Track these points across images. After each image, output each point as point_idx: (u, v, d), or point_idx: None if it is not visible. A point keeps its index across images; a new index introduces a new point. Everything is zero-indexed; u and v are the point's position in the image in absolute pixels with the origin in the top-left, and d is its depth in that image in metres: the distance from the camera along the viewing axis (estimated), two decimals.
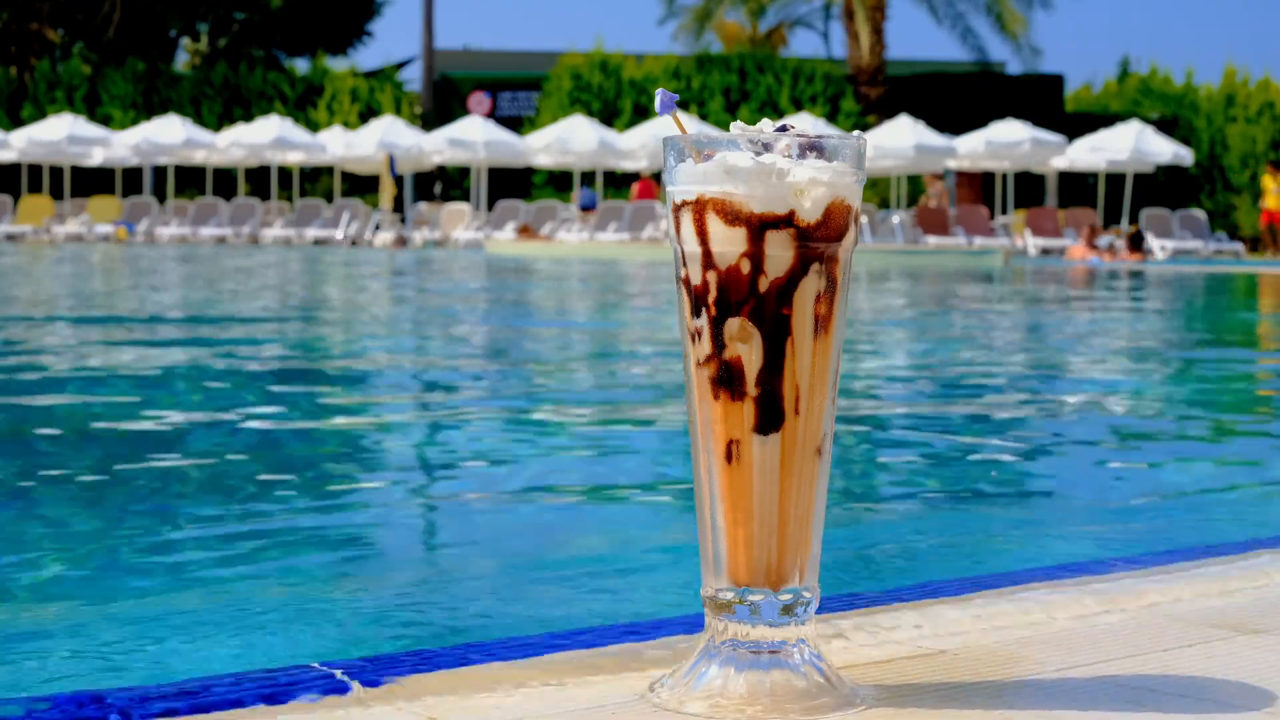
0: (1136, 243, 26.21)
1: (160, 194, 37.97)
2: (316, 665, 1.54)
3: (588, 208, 31.67)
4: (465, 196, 39.04)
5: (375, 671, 1.54)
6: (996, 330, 10.45)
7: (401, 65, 43.56)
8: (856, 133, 1.52)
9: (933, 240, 30.08)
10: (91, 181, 38.43)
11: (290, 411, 5.51)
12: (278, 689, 1.48)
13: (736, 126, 1.47)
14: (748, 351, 1.45)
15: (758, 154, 1.43)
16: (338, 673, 1.52)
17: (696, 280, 1.47)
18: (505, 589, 2.88)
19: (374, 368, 7.38)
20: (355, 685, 1.49)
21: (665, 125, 1.53)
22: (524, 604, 2.76)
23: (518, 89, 42.88)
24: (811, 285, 1.45)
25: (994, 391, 6.58)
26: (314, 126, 39.15)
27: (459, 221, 33.06)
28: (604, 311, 12.48)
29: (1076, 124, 38.43)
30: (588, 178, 37.05)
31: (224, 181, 39.10)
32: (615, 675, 1.54)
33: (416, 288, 15.87)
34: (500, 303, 13.38)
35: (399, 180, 34.34)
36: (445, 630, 2.62)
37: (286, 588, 2.86)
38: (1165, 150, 32.38)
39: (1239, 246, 31.49)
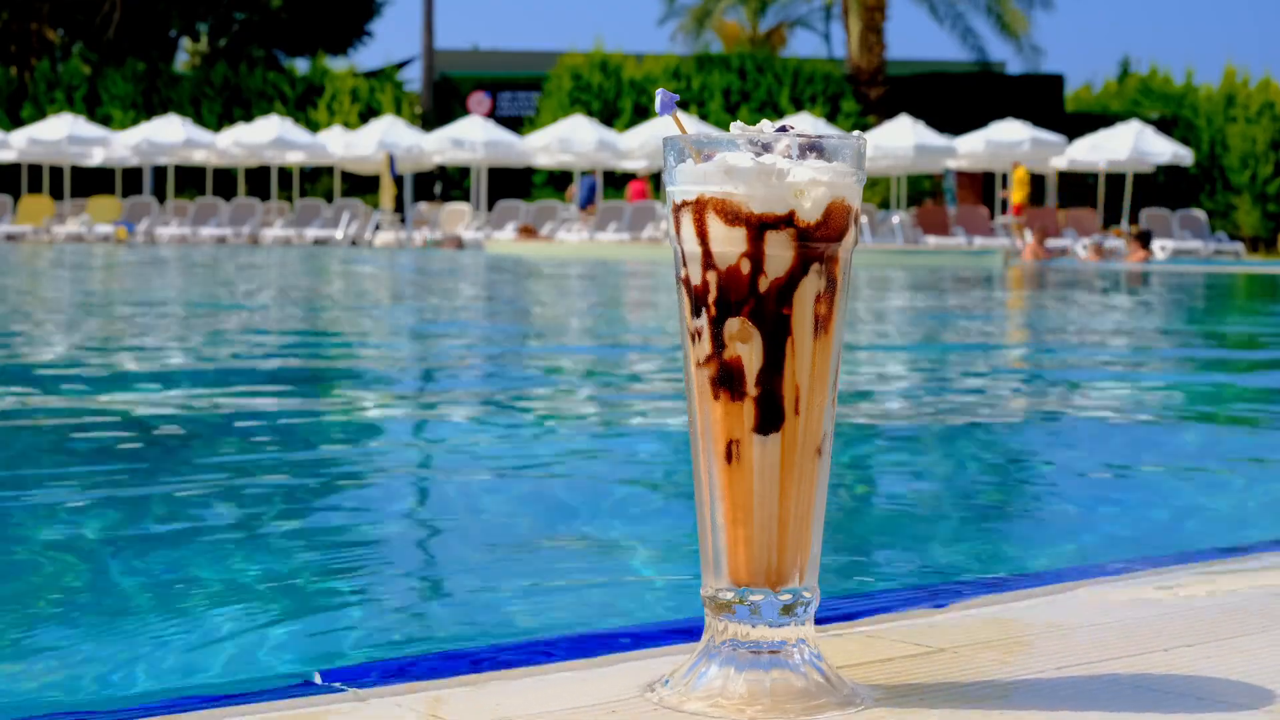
0: (1145, 239, 26.20)
1: (160, 194, 37.96)
2: (316, 675, 1.55)
3: (586, 204, 31.64)
4: (465, 196, 39.04)
5: (375, 673, 1.54)
6: (995, 331, 10.46)
7: (401, 65, 43.56)
8: (856, 133, 1.52)
9: (932, 240, 30.09)
10: (91, 181, 38.42)
11: (288, 412, 5.51)
12: (275, 695, 1.48)
13: (736, 127, 1.47)
14: (748, 351, 1.45)
15: (758, 154, 1.43)
16: (336, 684, 1.53)
17: (696, 280, 1.47)
18: (505, 592, 2.88)
19: (373, 368, 7.38)
20: (352, 688, 1.49)
21: (665, 125, 1.53)
22: (523, 607, 2.76)
23: (518, 89, 42.88)
24: (811, 285, 1.45)
25: (993, 392, 6.58)
26: (314, 126, 39.15)
27: (459, 221, 33.07)
28: (603, 311, 12.48)
29: (1076, 124, 38.42)
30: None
31: (224, 181, 39.10)
32: (616, 675, 1.54)
33: (432, 288, 15.87)
34: (501, 302, 13.39)
35: (399, 180, 34.34)
36: (445, 634, 2.62)
37: (284, 591, 2.86)
38: (1165, 150, 32.38)
39: (1239, 246, 31.51)
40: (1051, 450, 4.91)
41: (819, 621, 1.67)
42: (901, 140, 31.88)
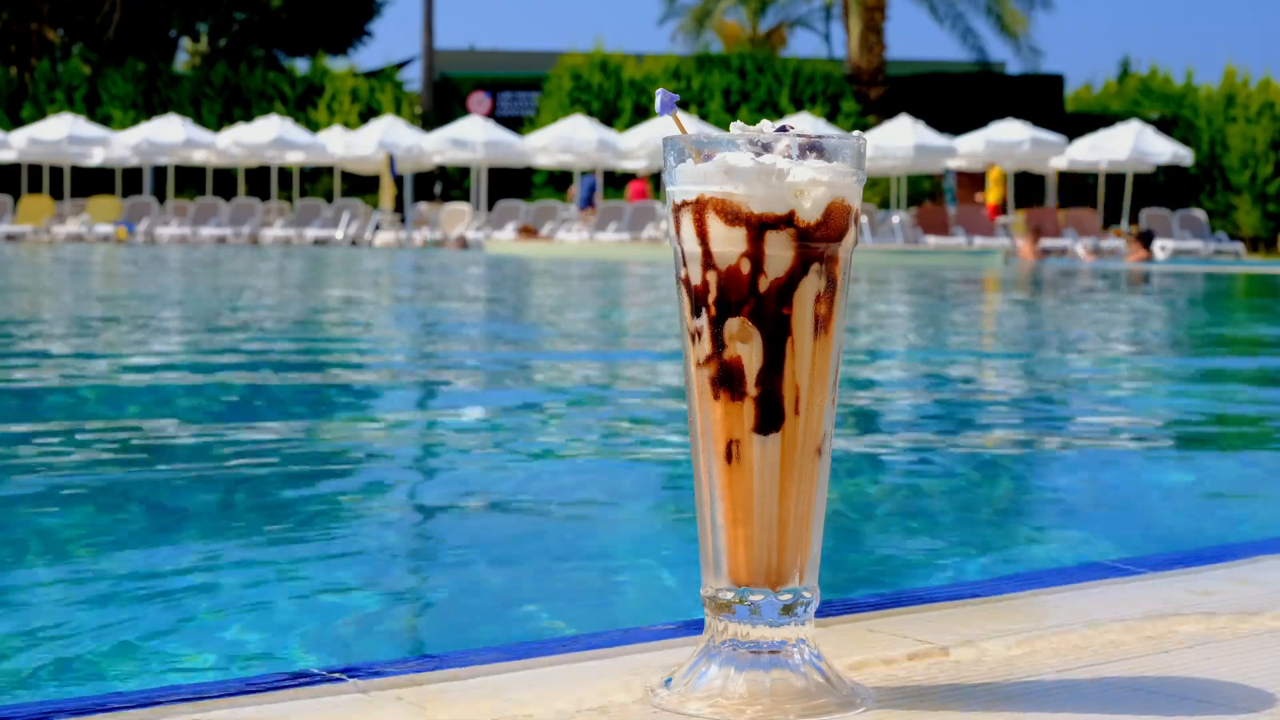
0: (1147, 239, 26.21)
1: (160, 194, 37.96)
2: (316, 670, 1.55)
3: (586, 204, 31.62)
4: (465, 196, 39.04)
5: (375, 673, 1.54)
6: (994, 330, 10.46)
7: (401, 65, 43.57)
8: (856, 133, 1.52)
9: (932, 240, 30.08)
10: (91, 181, 38.43)
11: (289, 413, 5.51)
12: (277, 689, 1.48)
13: (736, 126, 1.47)
14: (748, 351, 1.45)
15: (758, 154, 1.43)
16: (338, 674, 1.52)
17: (696, 280, 1.47)
18: (505, 594, 2.88)
19: (374, 369, 7.38)
20: (355, 684, 1.49)
21: (665, 125, 1.53)
22: (524, 609, 2.76)
23: (518, 89, 42.88)
24: (811, 285, 1.45)
25: (992, 392, 6.58)
26: (314, 126, 39.15)
27: (459, 221, 33.07)
28: (602, 311, 12.48)
29: (1076, 124, 38.43)
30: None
31: (224, 181, 39.11)
32: (615, 676, 1.54)
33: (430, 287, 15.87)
34: (501, 302, 13.39)
35: (399, 180, 34.34)
36: (444, 636, 2.62)
37: (284, 592, 2.86)
38: (1165, 150, 32.39)
39: (1239, 246, 31.53)
40: (1048, 450, 4.91)
41: (818, 621, 1.67)
42: (901, 140, 31.89)
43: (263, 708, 1.43)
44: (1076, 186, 37.65)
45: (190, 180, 39.20)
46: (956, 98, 40.07)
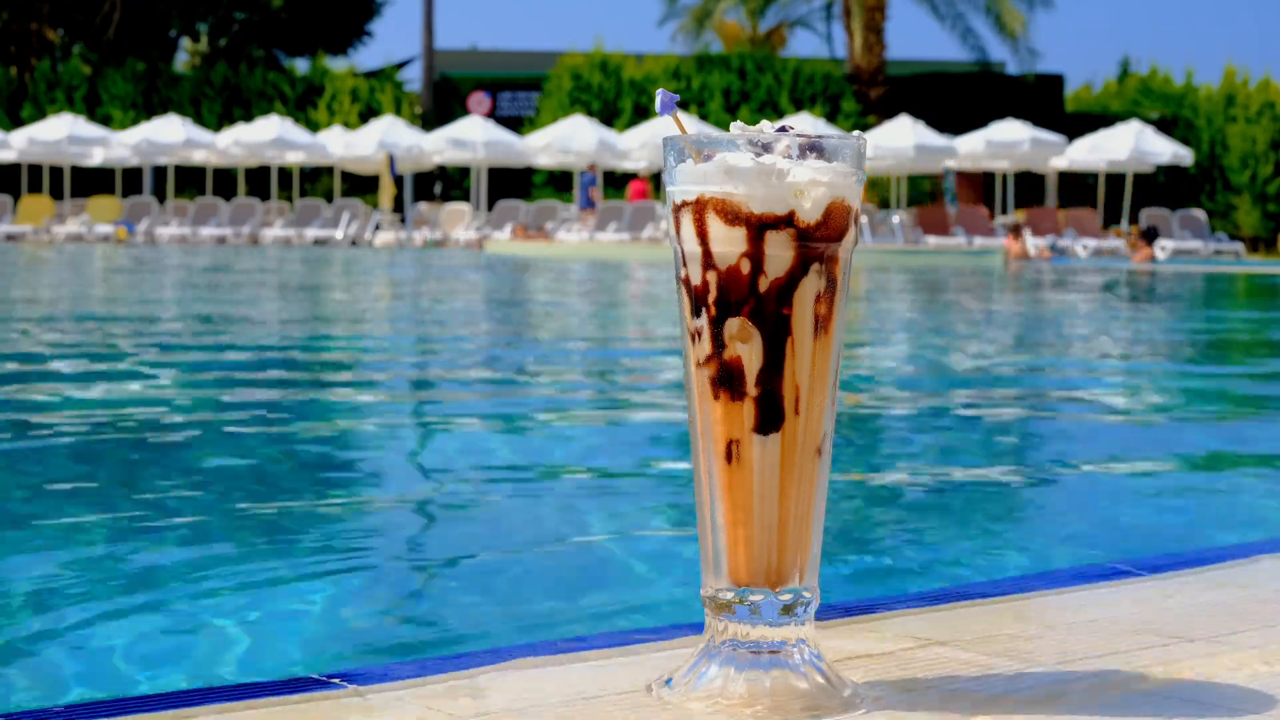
0: (1150, 236, 26.22)
1: (160, 194, 37.96)
2: (316, 676, 1.54)
3: (586, 204, 31.62)
4: (465, 196, 39.04)
5: (375, 676, 1.54)
6: (994, 330, 10.46)
7: (401, 65, 43.58)
8: (856, 133, 1.52)
9: (933, 240, 30.09)
10: (91, 181, 38.42)
11: (289, 414, 5.51)
12: (276, 693, 1.48)
13: (736, 127, 1.47)
14: (748, 351, 1.45)
15: (758, 154, 1.43)
16: (337, 680, 1.53)
17: (696, 280, 1.47)
18: (505, 595, 2.88)
19: (374, 368, 7.38)
20: (354, 689, 1.49)
21: (665, 125, 1.53)
22: (523, 610, 2.76)
23: (518, 89, 42.88)
24: (811, 285, 1.45)
25: (991, 391, 6.59)
26: (314, 126, 39.14)
27: (459, 221, 33.07)
28: (602, 311, 12.48)
29: (1076, 124, 38.44)
30: None
31: (224, 181, 39.10)
32: (616, 675, 1.54)
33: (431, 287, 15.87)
34: (501, 302, 13.39)
35: (399, 180, 34.34)
36: (443, 638, 2.62)
37: (283, 593, 2.86)
38: (1165, 150, 32.39)
39: (1239, 246, 31.53)
40: (1052, 451, 4.91)
41: (819, 618, 1.67)
42: (901, 140, 31.90)
43: (264, 709, 1.43)
44: (1077, 187, 37.66)
45: (190, 180, 39.20)
46: (956, 98, 40.07)
